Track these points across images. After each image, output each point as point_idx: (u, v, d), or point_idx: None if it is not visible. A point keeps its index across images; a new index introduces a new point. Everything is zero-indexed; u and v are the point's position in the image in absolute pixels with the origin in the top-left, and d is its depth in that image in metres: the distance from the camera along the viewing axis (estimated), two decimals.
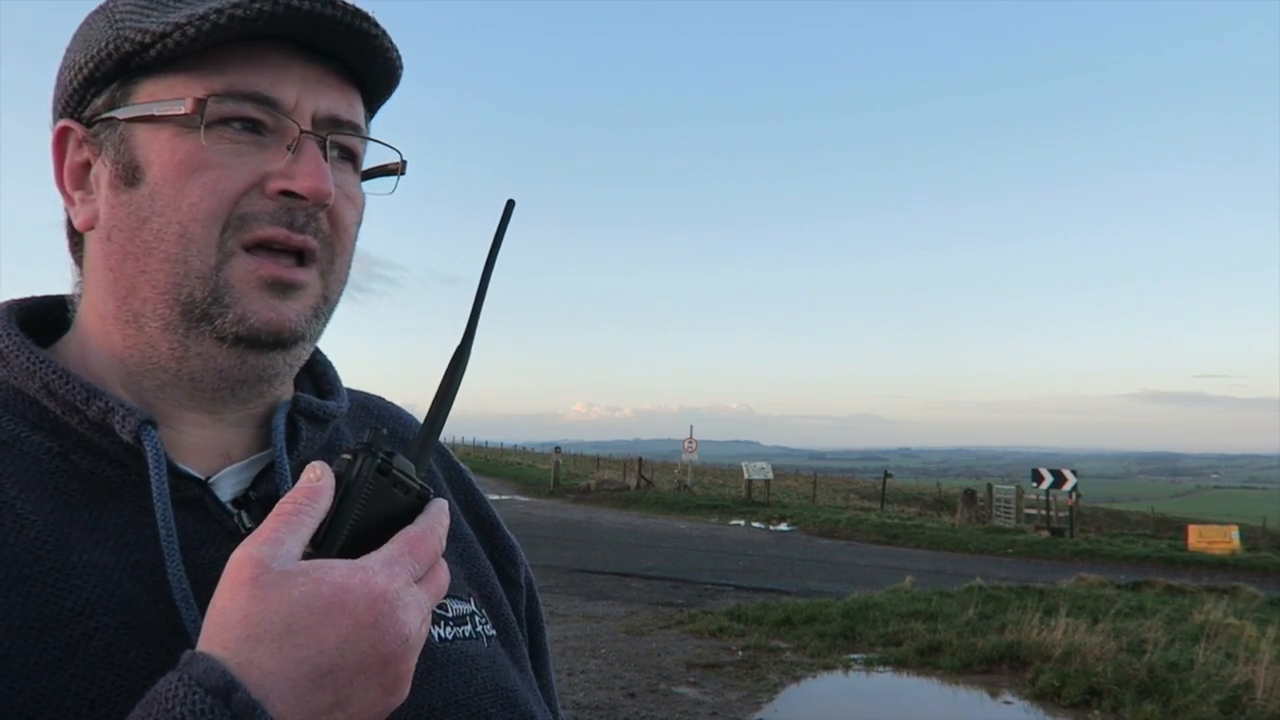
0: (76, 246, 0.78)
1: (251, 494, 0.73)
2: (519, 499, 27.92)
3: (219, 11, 0.66)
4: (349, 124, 0.75)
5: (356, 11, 0.70)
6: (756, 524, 23.46)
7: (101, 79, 0.71)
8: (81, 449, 0.68)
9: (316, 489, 0.60)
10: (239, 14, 0.66)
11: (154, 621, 0.62)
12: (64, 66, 0.75)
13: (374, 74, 0.76)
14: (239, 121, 0.69)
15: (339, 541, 0.59)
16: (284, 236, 0.70)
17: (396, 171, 0.82)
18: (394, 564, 0.58)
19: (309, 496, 0.59)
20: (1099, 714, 6.98)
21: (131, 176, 0.70)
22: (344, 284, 0.78)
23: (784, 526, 23.04)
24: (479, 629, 0.81)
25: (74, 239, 0.78)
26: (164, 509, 0.65)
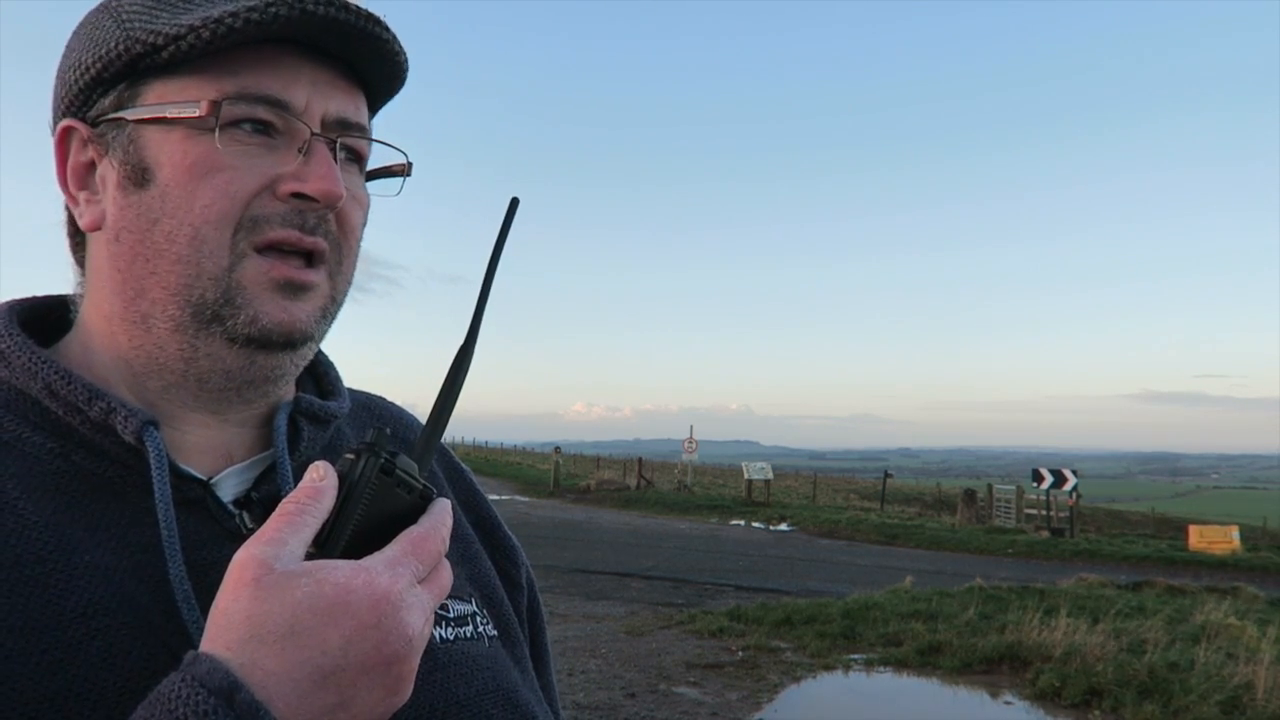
0: (78, 246, 0.77)
1: (253, 494, 0.73)
2: (519, 499, 27.91)
3: (234, 15, 0.66)
4: (357, 126, 0.75)
5: (369, 16, 0.70)
6: (756, 524, 23.44)
7: (110, 79, 0.71)
8: (83, 449, 0.68)
9: (319, 489, 0.59)
10: (254, 17, 0.65)
11: (156, 622, 0.62)
12: (67, 66, 0.74)
13: (381, 77, 0.76)
14: (250, 124, 0.69)
15: (342, 542, 0.59)
16: (295, 238, 0.70)
17: (402, 173, 0.82)
18: (397, 564, 0.58)
19: (312, 496, 0.59)
20: (1099, 714, 6.98)
21: (141, 178, 0.70)
22: (350, 285, 0.78)
23: (784, 526, 23.03)
24: (480, 629, 0.81)
25: (75, 239, 0.77)
26: (166, 510, 0.65)
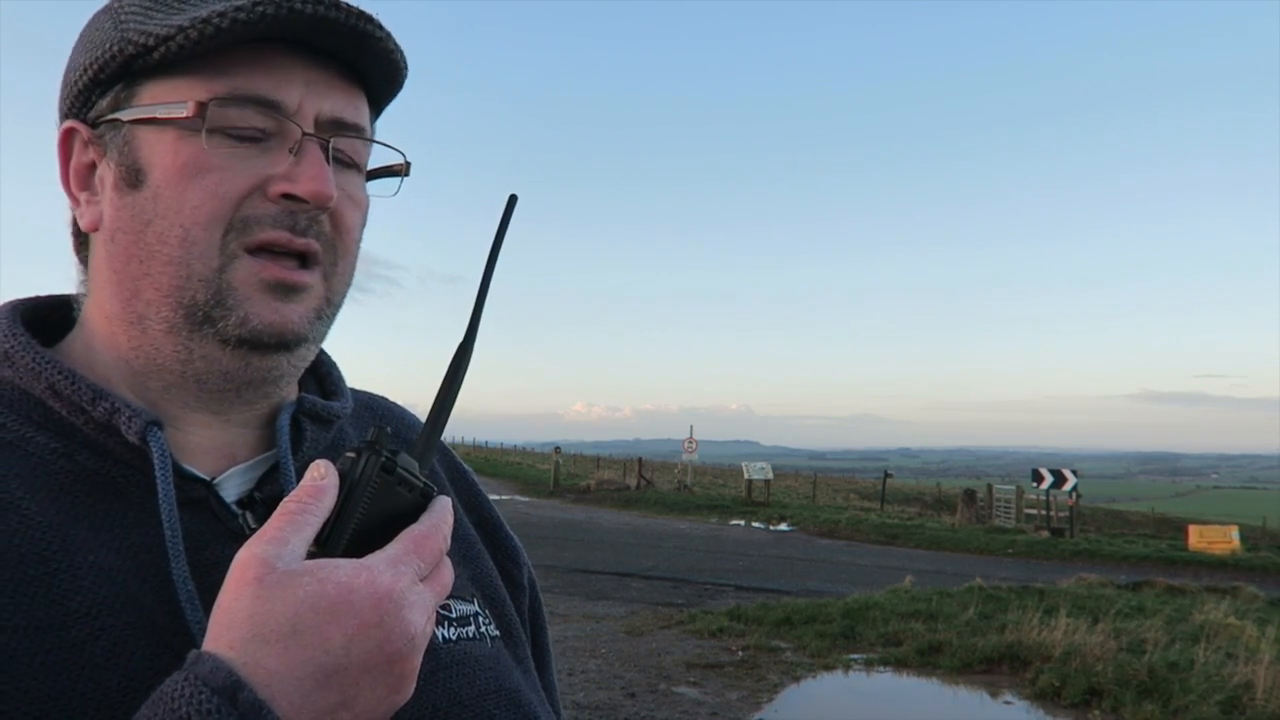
0: (81, 246, 0.78)
1: (256, 494, 0.73)
2: (519, 499, 27.90)
3: (221, 15, 0.66)
4: (353, 126, 0.74)
5: (360, 14, 0.70)
6: (756, 524, 23.44)
7: (106, 80, 0.71)
8: (87, 449, 0.68)
9: (320, 487, 0.59)
10: (240, 17, 0.65)
11: (159, 622, 0.62)
12: (69, 67, 0.75)
13: (378, 76, 0.76)
14: (241, 124, 0.69)
15: (344, 540, 0.59)
16: (286, 240, 0.70)
17: (400, 173, 0.81)
18: (399, 563, 0.58)
19: (313, 495, 0.59)
20: (1099, 714, 6.98)
21: (134, 179, 0.70)
22: (348, 286, 0.78)
23: (784, 526, 23.02)
24: (482, 630, 0.81)
25: (79, 239, 0.78)
26: (169, 510, 0.65)
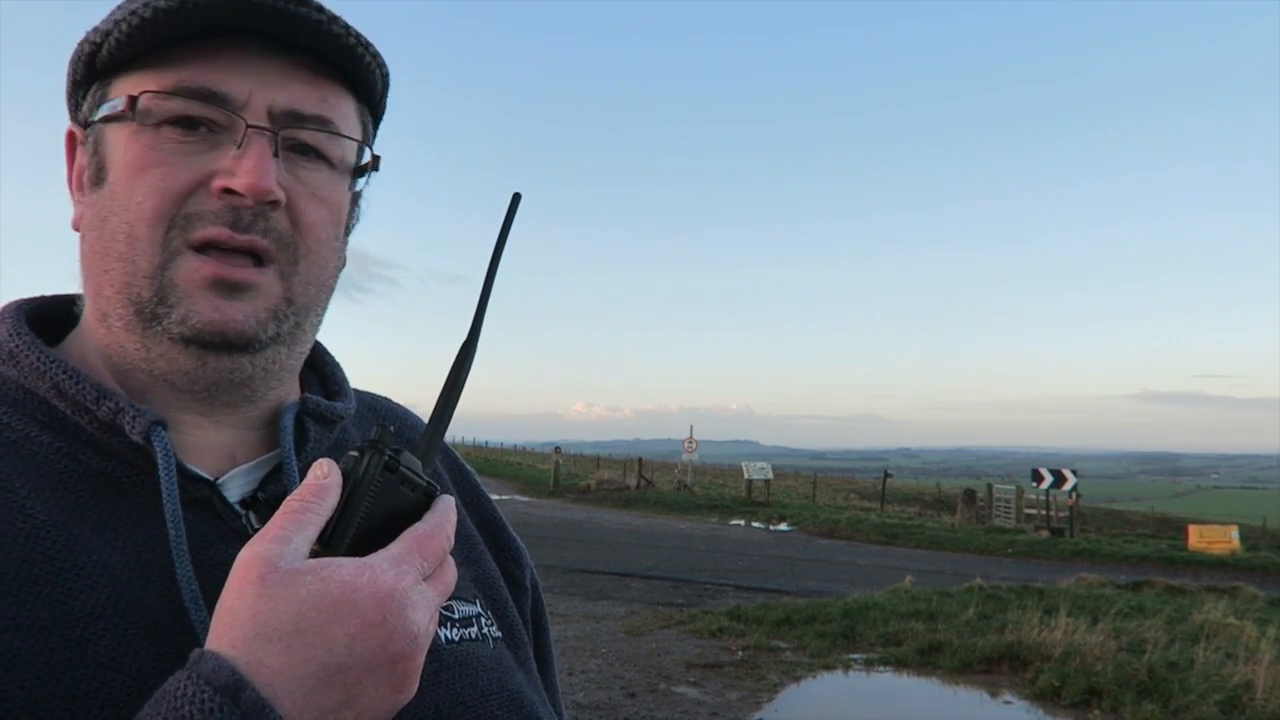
0: None
1: (259, 495, 0.73)
2: (519, 499, 27.89)
3: (146, 5, 0.65)
4: (314, 118, 0.71)
5: None
6: (756, 524, 23.43)
7: (82, 82, 0.72)
8: (91, 449, 0.68)
9: (323, 486, 0.59)
10: (162, 5, 0.65)
11: (163, 623, 0.62)
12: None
13: (345, 64, 0.73)
14: (187, 118, 0.68)
15: (346, 539, 0.59)
16: (226, 236, 0.67)
17: (366, 169, 0.78)
18: (402, 562, 0.58)
19: (316, 494, 0.59)
20: (1099, 714, 6.97)
21: (98, 177, 0.71)
22: (319, 286, 0.74)
23: (784, 526, 23.02)
24: (485, 631, 0.81)
25: None
26: (173, 510, 0.65)
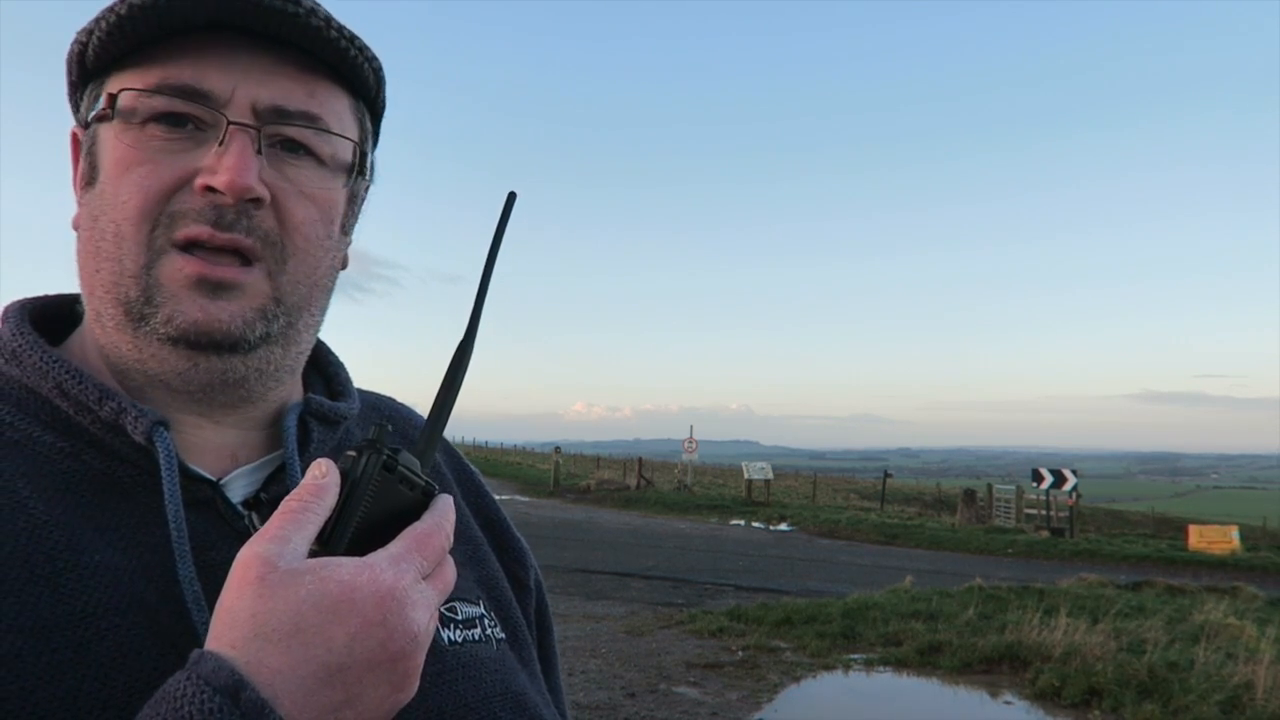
0: None
1: (262, 495, 0.73)
2: (519, 499, 27.89)
3: (123, 1, 0.65)
4: (301, 114, 0.71)
5: None
6: (756, 524, 23.42)
7: (79, 83, 0.73)
8: (93, 449, 0.68)
9: (322, 486, 0.59)
10: (138, 1, 0.65)
11: (165, 623, 0.62)
12: None
13: (333, 60, 0.72)
14: (172, 115, 0.68)
15: (345, 538, 0.59)
16: (208, 235, 0.67)
17: (364, 165, 0.77)
18: (401, 561, 0.58)
19: (314, 494, 0.59)
20: (1099, 714, 6.97)
21: (91, 176, 0.71)
22: (311, 285, 0.74)
23: (784, 526, 23.01)
24: (488, 632, 0.81)
25: None
26: (175, 510, 0.65)
